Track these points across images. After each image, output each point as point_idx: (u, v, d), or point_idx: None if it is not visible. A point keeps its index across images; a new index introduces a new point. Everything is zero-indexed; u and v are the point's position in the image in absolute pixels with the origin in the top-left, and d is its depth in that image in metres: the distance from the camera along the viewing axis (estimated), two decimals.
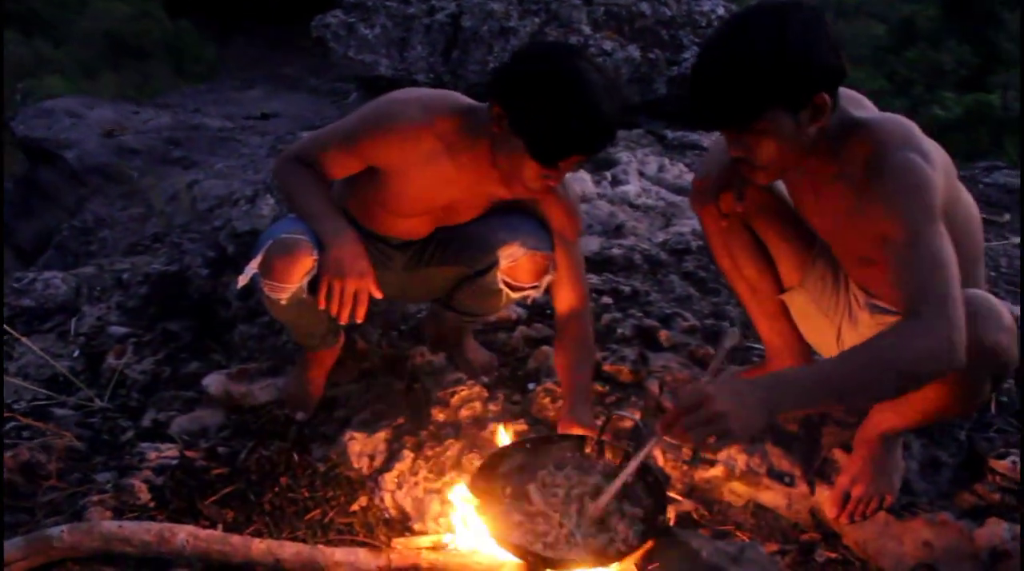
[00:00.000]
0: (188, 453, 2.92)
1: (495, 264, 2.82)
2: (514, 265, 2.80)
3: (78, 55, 15.46)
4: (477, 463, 2.62)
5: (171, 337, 3.80)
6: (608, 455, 2.49)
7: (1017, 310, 3.43)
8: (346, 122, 2.69)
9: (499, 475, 2.40)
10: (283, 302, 2.67)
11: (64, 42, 16.16)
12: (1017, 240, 4.43)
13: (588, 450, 2.52)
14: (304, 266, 2.60)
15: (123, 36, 15.85)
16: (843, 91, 2.21)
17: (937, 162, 2.13)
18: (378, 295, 2.61)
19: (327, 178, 2.68)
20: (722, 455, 2.68)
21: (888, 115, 2.25)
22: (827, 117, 2.12)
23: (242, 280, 2.66)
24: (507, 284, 2.86)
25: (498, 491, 2.35)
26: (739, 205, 2.54)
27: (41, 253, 6.73)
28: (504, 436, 2.66)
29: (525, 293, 2.89)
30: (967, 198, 2.32)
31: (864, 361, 1.99)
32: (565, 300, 2.81)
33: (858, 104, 2.28)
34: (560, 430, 2.70)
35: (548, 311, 3.56)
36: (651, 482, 2.36)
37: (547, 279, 2.83)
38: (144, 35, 15.92)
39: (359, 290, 2.56)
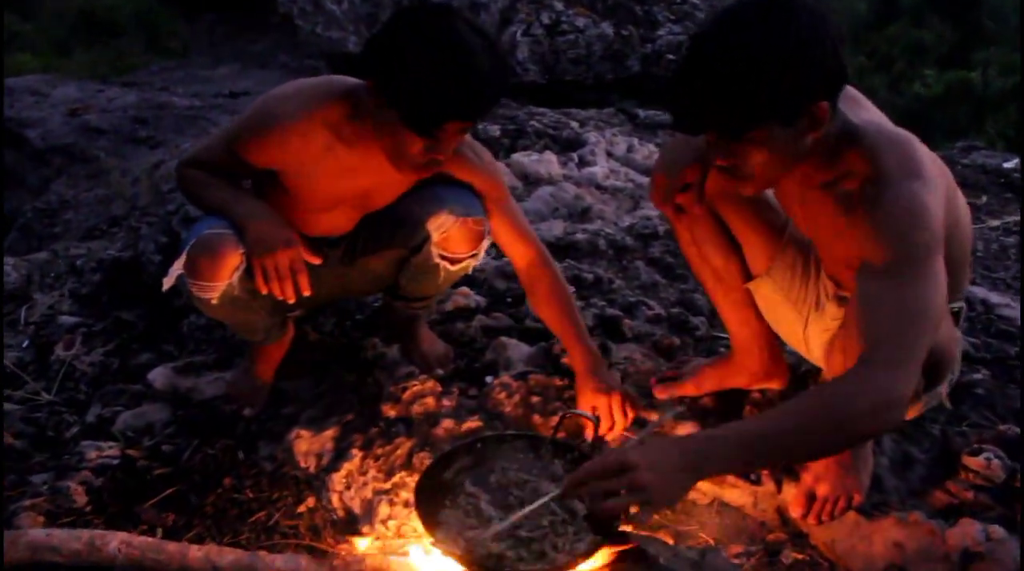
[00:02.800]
0: (130, 452, 2.79)
1: (427, 238, 2.69)
2: (446, 236, 2.68)
3: (50, 31, 15.18)
4: (428, 462, 2.52)
5: (123, 326, 3.67)
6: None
7: (990, 297, 3.36)
8: (232, 125, 2.58)
9: (445, 480, 2.27)
10: (214, 302, 2.56)
11: (35, 17, 15.85)
12: (995, 223, 4.34)
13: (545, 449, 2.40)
14: (231, 263, 2.48)
15: (95, 12, 15.57)
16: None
17: (939, 186, 1.99)
18: (314, 260, 2.51)
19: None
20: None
21: (888, 129, 2.09)
22: (825, 127, 1.97)
23: (167, 282, 2.55)
24: (443, 257, 2.74)
25: (444, 496, 2.23)
26: (698, 205, 2.41)
27: (4, 236, 6.57)
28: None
29: (464, 264, 2.78)
30: (962, 205, 2.19)
31: (809, 414, 1.84)
32: (521, 255, 2.74)
33: (855, 103, 2.11)
34: (579, 390, 2.67)
35: (508, 299, 3.48)
36: None
37: (484, 245, 2.74)
38: (116, 11, 15.64)
39: (292, 260, 2.43)
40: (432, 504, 2.19)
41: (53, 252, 4.95)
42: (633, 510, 1.82)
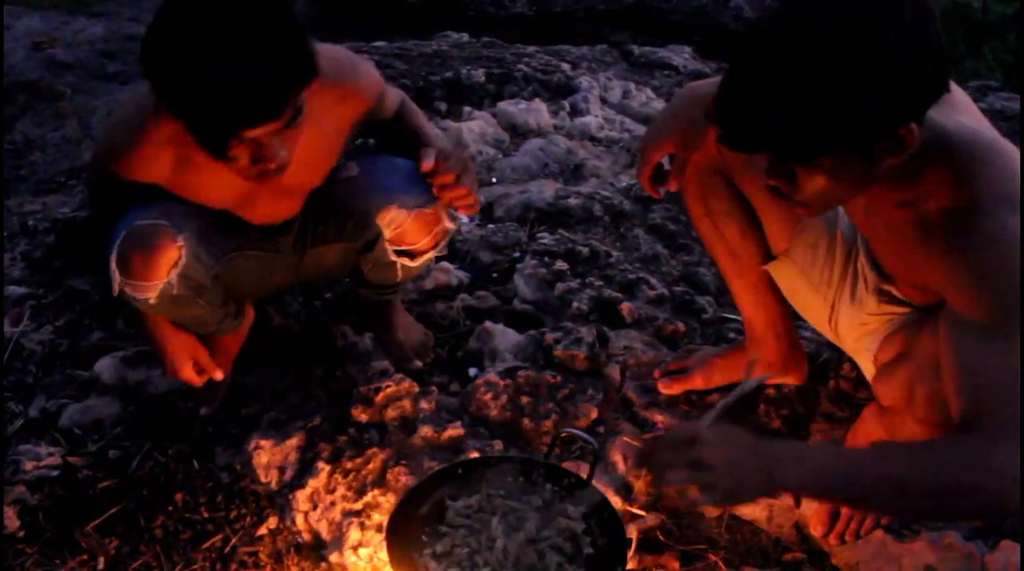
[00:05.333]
0: (72, 459, 2.51)
1: (379, 235, 2.41)
2: (400, 231, 2.39)
3: None
4: (403, 478, 2.25)
5: (75, 297, 3.39)
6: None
7: None
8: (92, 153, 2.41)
9: (423, 515, 1.98)
10: (152, 301, 2.26)
11: None
12: None
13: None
14: (168, 258, 2.20)
15: None
16: None
17: None
18: (216, 375, 2.54)
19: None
20: None
21: (984, 139, 1.71)
22: (909, 152, 1.58)
23: (116, 286, 2.24)
24: (400, 253, 2.45)
25: (422, 534, 1.94)
26: (676, 181, 2.13)
27: None
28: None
29: (426, 257, 2.50)
30: None
31: (903, 470, 1.57)
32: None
33: (945, 103, 1.68)
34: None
35: (495, 274, 3.20)
36: (607, 517, 1.95)
37: (446, 232, 2.46)
38: None
39: (186, 381, 2.48)
40: (408, 547, 1.90)
41: (7, 209, 4.67)
42: (692, 494, 1.58)
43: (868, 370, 2.12)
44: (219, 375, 2.50)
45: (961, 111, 1.76)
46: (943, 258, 1.65)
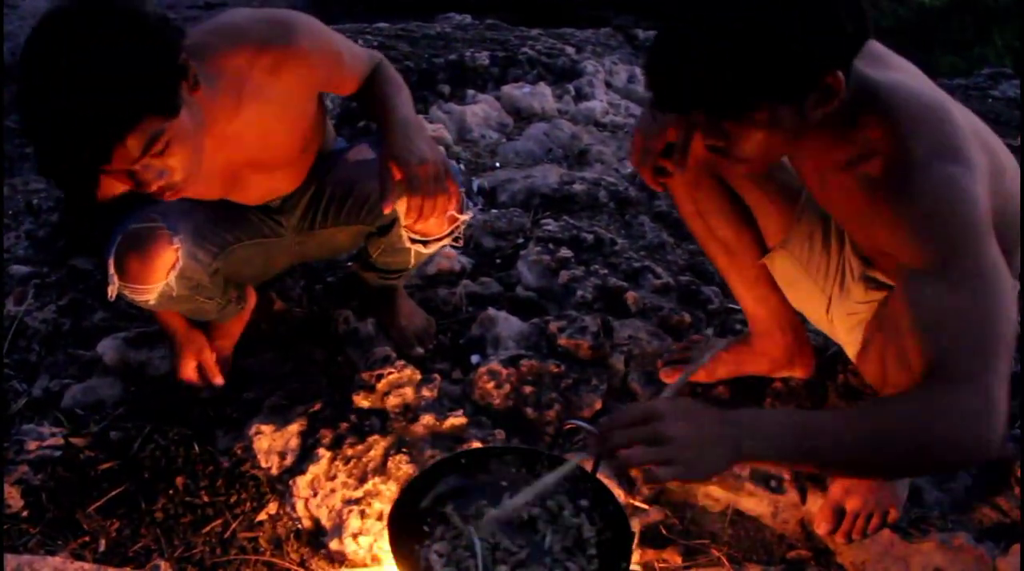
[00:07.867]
0: (74, 440, 2.50)
1: (395, 220, 2.35)
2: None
3: None
4: (404, 466, 2.24)
5: (78, 276, 3.37)
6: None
7: None
8: None
9: (425, 507, 1.95)
10: (151, 302, 2.27)
11: None
12: None
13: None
14: (165, 262, 2.18)
15: None
16: None
17: (980, 165, 1.65)
18: (217, 381, 2.61)
19: None
20: None
21: (914, 89, 1.74)
22: (838, 100, 1.62)
23: (111, 291, 2.23)
24: (415, 239, 2.39)
25: (423, 526, 1.92)
26: (680, 170, 2.06)
27: None
28: None
29: (441, 243, 2.43)
30: (1011, 179, 1.82)
31: (869, 428, 1.55)
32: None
33: (875, 60, 1.76)
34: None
35: (498, 260, 3.18)
36: (612, 510, 1.92)
37: (464, 219, 2.35)
38: None
39: (188, 379, 2.58)
40: (409, 537, 1.88)
41: (11, 187, 4.66)
42: (655, 471, 1.50)
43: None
44: (219, 380, 2.59)
45: (887, 66, 1.79)
46: (886, 213, 1.66)
